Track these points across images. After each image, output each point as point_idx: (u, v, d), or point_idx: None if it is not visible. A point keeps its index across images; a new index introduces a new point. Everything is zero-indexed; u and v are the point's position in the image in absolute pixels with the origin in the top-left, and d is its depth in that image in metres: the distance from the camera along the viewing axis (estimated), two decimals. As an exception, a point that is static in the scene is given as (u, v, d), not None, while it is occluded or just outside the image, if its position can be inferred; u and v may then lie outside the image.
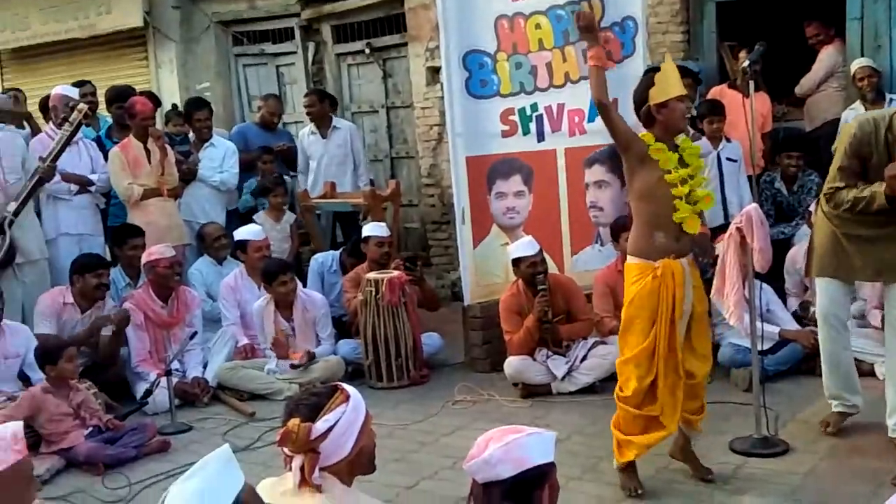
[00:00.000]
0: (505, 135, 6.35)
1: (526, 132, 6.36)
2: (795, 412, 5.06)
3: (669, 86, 4.05)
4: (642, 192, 4.09)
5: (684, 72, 6.90)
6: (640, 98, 4.11)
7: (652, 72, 4.17)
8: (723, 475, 4.32)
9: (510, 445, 2.15)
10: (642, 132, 4.12)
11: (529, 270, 5.71)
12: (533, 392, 5.67)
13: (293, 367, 6.05)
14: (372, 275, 6.22)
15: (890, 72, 6.91)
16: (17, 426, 2.59)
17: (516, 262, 5.78)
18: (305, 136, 8.10)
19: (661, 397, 4.07)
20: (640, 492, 4.14)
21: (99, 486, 4.69)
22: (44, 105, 7.58)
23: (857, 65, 6.81)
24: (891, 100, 6.70)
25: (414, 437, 5.11)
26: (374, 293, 6.09)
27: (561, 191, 6.44)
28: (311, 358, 6.11)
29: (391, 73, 9.31)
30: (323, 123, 8.04)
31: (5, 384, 5.53)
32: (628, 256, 4.20)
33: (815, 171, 6.68)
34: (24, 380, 5.61)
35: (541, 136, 6.37)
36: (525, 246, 5.79)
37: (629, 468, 4.19)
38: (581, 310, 5.89)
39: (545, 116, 6.35)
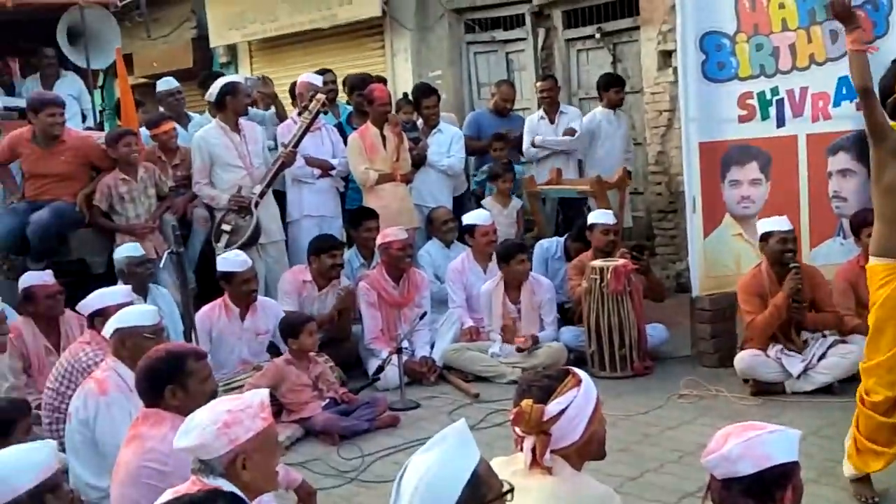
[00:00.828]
0: (742, 120, 6.10)
1: (765, 117, 6.08)
2: None
3: None
4: (891, 188, 3.84)
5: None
6: (889, 87, 3.85)
7: None
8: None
9: (751, 442, 2.08)
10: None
11: (779, 247, 5.46)
12: (764, 390, 5.44)
13: (518, 350, 6.13)
14: (597, 262, 6.17)
15: None
16: (264, 395, 2.72)
17: (765, 236, 5.54)
18: (534, 121, 8.13)
19: None
20: (876, 500, 3.91)
21: (334, 456, 4.95)
22: (292, 90, 8.04)
23: None
24: None
25: (638, 428, 5.03)
26: (598, 281, 6.04)
27: (801, 179, 6.10)
28: (536, 342, 6.17)
29: (620, 57, 9.17)
30: (552, 109, 8.06)
31: (257, 357, 5.93)
32: (871, 257, 3.97)
33: None
34: (274, 354, 5.99)
35: (781, 122, 6.07)
36: (778, 221, 5.57)
37: (864, 478, 3.95)
38: (826, 301, 5.58)
39: (786, 100, 6.04)
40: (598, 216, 6.53)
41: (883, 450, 3.89)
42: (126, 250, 6.00)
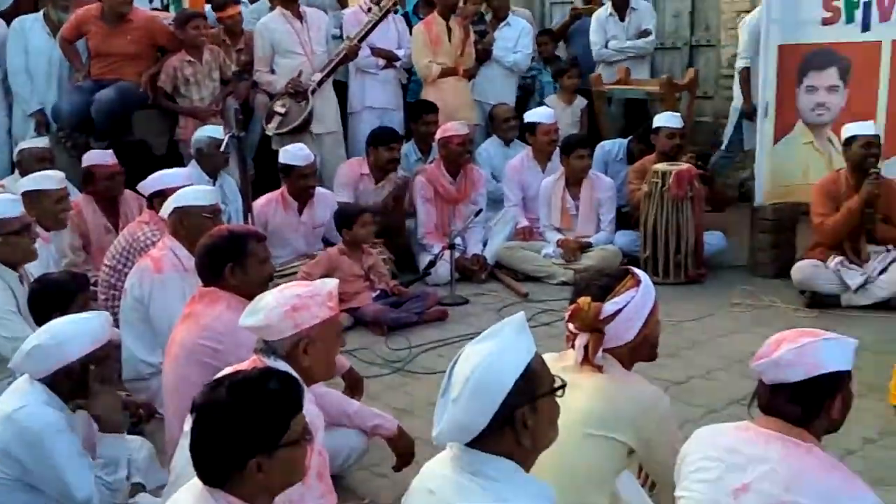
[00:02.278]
0: (826, 22, 5.86)
1: (850, 20, 5.82)
2: None
3: None
4: None
5: None
6: None
7: None
8: None
9: (805, 348, 2.03)
10: None
11: (862, 151, 5.32)
12: (819, 302, 5.36)
13: (566, 259, 6.06)
14: (660, 166, 6.05)
15: None
16: (333, 284, 2.74)
17: (849, 140, 5.40)
18: (602, 18, 7.87)
19: None
20: None
21: (382, 346, 5.01)
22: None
23: None
24: None
25: (688, 335, 5.00)
26: (659, 185, 5.93)
27: (881, 89, 5.85)
28: (584, 248, 6.11)
29: (698, -47, 8.79)
30: (623, 3, 7.76)
31: (312, 248, 5.96)
32: None
33: None
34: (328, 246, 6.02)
35: (866, 26, 5.80)
36: (863, 125, 5.43)
37: None
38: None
39: (874, 3, 5.75)
40: (665, 119, 6.37)
41: None
42: (209, 131, 5.96)
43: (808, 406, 2.04)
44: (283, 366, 2.53)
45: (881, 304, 5.27)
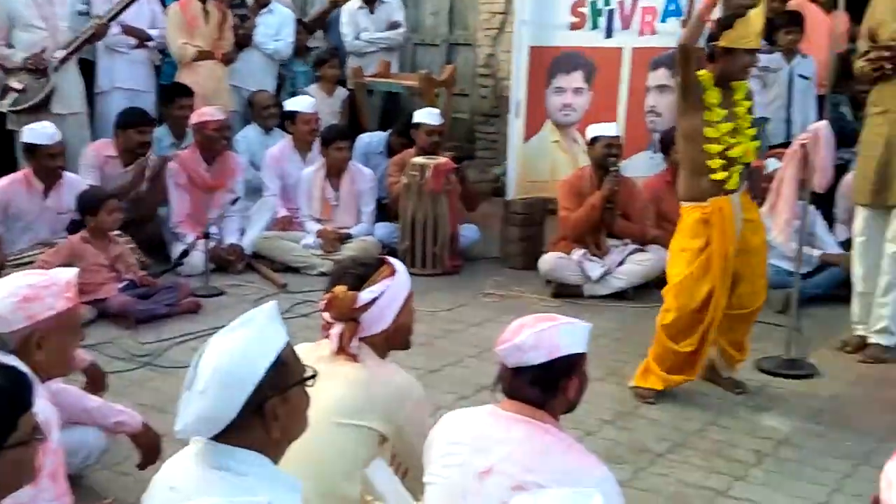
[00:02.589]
0: (573, 27, 6.16)
1: (595, 26, 6.16)
2: (827, 337, 5.00)
3: (745, 34, 3.89)
4: (691, 134, 4.02)
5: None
6: (715, 33, 3.94)
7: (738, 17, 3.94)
8: (746, 392, 4.32)
9: (544, 332, 2.11)
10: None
11: (604, 151, 5.62)
12: (564, 293, 5.64)
13: (325, 250, 6.02)
14: (418, 159, 6.14)
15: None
16: (72, 274, 2.58)
17: (593, 140, 5.69)
18: (353, 10, 7.88)
19: (701, 335, 4.06)
20: (651, 401, 4.15)
21: (129, 340, 4.76)
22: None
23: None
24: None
25: (441, 324, 5.11)
26: (418, 178, 6.02)
27: (621, 92, 6.26)
28: (344, 239, 6.11)
29: (456, -45, 9.01)
30: None
31: (56, 235, 5.54)
32: (681, 203, 4.14)
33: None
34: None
35: (609, 32, 6.17)
36: (606, 127, 5.74)
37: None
38: (638, 213, 5.79)
39: (617, 11, 6.13)
40: (425, 115, 6.44)
41: (668, 377, 4.14)
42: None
43: (547, 387, 2.12)
44: (12, 360, 2.33)
45: (619, 294, 5.61)
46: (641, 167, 6.26)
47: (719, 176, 3.98)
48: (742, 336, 4.27)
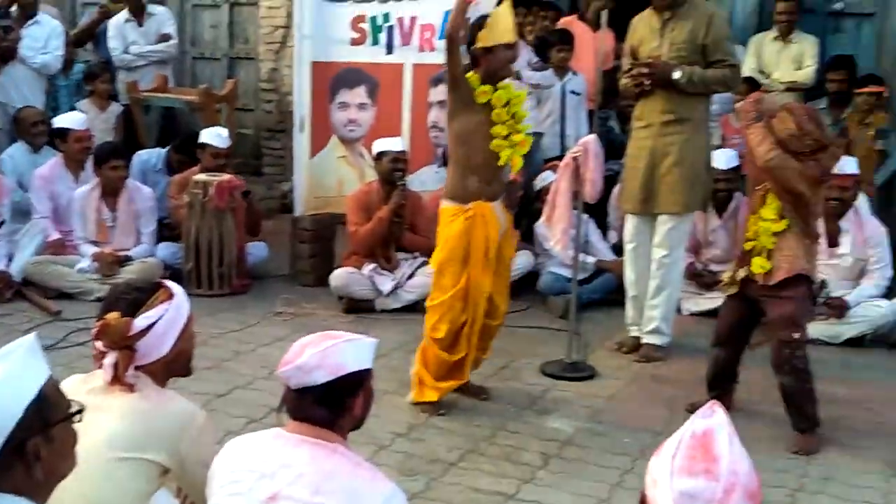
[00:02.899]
0: (354, 42, 6.17)
1: (375, 42, 6.20)
2: (605, 339, 5.27)
3: (499, 32, 4.02)
4: (461, 135, 4.11)
5: (543, 4, 6.91)
6: (471, 38, 4.06)
7: (486, 17, 4.09)
8: (532, 396, 4.49)
9: (327, 351, 2.08)
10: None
11: (390, 166, 5.65)
12: (356, 308, 5.64)
13: (104, 275, 5.73)
14: (201, 176, 5.96)
15: (731, 20, 7.10)
16: None
17: (380, 155, 5.70)
18: (120, 23, 7.59)
19: (468, 341, 4.16)
20: (442, 412, 4.23)
21: None
22: None
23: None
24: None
25: (230, 346, 4.99)
26: (201, 196, 5.85)
27: (404, 107, 6.32)
28: (123, 261, 5.84)
29: (236, -35, 8.86)
30: (139, 10, 7.60)
31: None
32: (443, 199, 4.21)
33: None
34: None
35: (390, 49, 6.22)
36: (393, 142, 5.77)
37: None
38: (425, 227, 5.85)
39: (396, 28, 6.19)
40: (212, 137, 6.21)
41: (439, 384, 4.23)
42: None
43: (333, 406, 2.10)
44: None
45: (411, 306, 5.66)
46: (427, 181, 6.36)
47: (505, 154, 4.08)
48: (489, 340, 4.40)
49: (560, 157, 5.51)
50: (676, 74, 4.70)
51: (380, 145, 5.78)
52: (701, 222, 5.74)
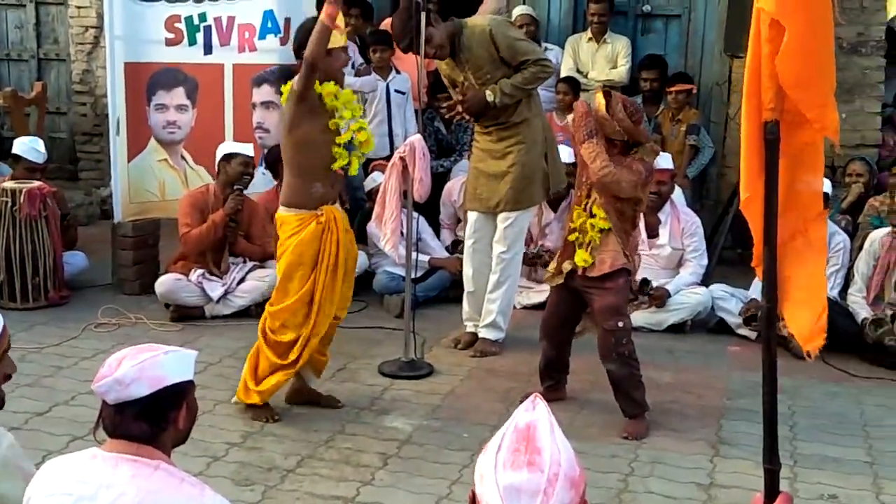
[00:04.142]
0: (169, 43, 5.97)
1: (192, 42, 6.02)
2: (441, 336, 5.31)
3: (335, 35, 3.99)
4: (306, 143, 4.06)
5: (356, 3, 6.90)
6: (302, 43, 4.01)
7: (315, 19, 4.05)
8: (371, 397, 4.47)
9: (145, 363, 1.98)
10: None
11: (240, 169, 5.53)
12: (186, 315, 5.46)
13: None
14: (8, 184, 5.61)
15: (547, 22, 7.31)
16: None
17: (228, 157, 5.54)
18: None
19: (309, 345, 4.10)
20: (277, 418, 4.15)
21: None
22: None
23: (517, 12, 7.11)
24: (546, 48, 7.10)
25: (49, 361, 4.73)
26: (10, 205, 5.50)
27: (227, 108, 6.18)
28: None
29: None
30: None
31: None
32: (282, 208, 4.13)
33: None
34: None
35: (208, 49, 6.06)
36: (242, 146, 5.64)
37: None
38: (259, 234, 5.72)
39: (214, 28, 6.04)
40: (27, 150, 5.88)
41: (261, 388, 4.13)
42: None
43: (155, 421, 2.00)
44: None
45: (244, 311, 5.53)
46: (255, 183, 6.21)
47: (342, 162, 4.07)
48: (329, 342, 4.38)
49: (388, 157, 5.51)
50: (490, 98, 4.82)
51: (228, 147, 5.64)
52: (536, 216, 5.87)
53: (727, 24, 6.37)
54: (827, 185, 5.17)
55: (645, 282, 5.40)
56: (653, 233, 5.55)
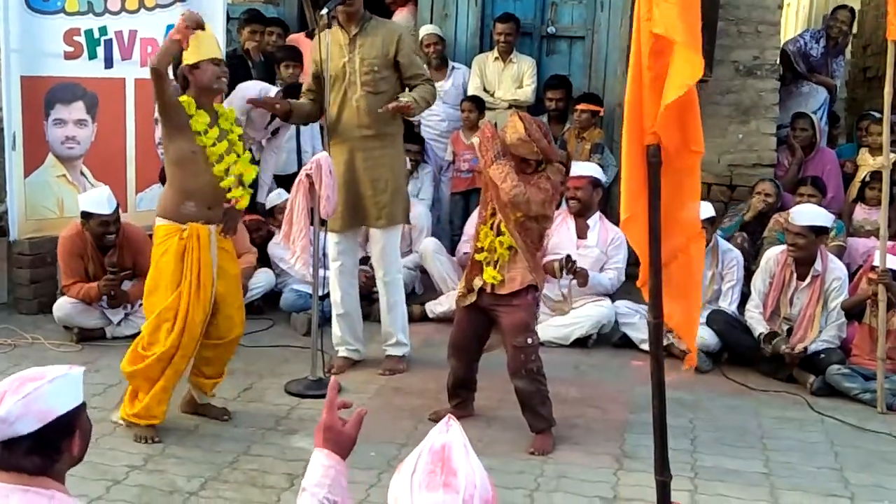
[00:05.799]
0: (68, 56, 5.83)
1: (93, 56, 5.89)
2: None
3: (205, 48, 4.01)
4: (177, 160, 4.05)
5: (260, 17, 6.86)
6: (177, 60, 3.99)
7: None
8: (277, 416, 4.42)
9: (30, 397, 1.88)
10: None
11: (100, 230, 5.28)
12: (87, 336, 5.31)
13: None
14: None
15: (454, 42, 7.37)
16: None
17: (87, 216, 5.29)
18: None
19: (173, 364, 4.04)
20: (157, 440, 4.06)
21: None
22: None
23: (424, 31, 7.16)
24: (453, 67, 7.16)
25: (-63, 386, 4.51)
26: None
27: (128, 124, 6.07)
28: None
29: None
30: None
31: None
32: (157, 217, 4.11)
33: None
34: None
35: (109, 63, 5.94)
36: (98, 202, 5.28)
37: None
38: (147, 260, 5.55)
39: (115, 42, 5.93)
40: None
41: (134, 410, 4.07)
42: None
43: (47, 453, 1.91)
44: None
45: (142, 331, 5.41)
46: (156, 199, 6.08)
47: (236, 194, 4.08)
48: (223, 365, 4.34)
49: (296, 174, 5.45)
50: (405, 99, 4.73)
51: (85, 204, 5.29)
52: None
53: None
54: (707, 209, 5.34)
55: (569, 258, 5.35)
56: (582, 234, 5.73)
